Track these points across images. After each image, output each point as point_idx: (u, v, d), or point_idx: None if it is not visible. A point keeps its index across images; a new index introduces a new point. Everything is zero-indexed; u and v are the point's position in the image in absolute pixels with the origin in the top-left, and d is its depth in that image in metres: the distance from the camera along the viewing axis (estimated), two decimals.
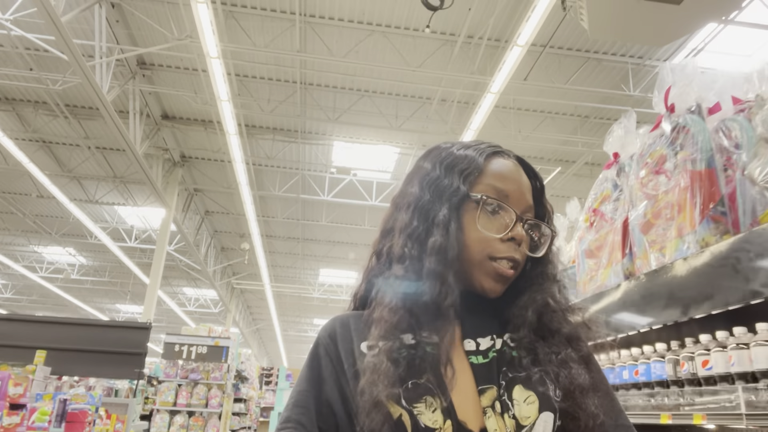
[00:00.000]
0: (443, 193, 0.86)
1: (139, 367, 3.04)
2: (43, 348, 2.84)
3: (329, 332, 0.88)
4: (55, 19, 6.18)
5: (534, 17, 6.37)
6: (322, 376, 0.85)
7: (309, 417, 0.82)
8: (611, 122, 9.47)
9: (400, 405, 0.74)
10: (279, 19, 7.48)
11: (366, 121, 9.49)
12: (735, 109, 1.50)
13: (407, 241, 0.85)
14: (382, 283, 0.85)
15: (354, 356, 0.84)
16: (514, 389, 0.79)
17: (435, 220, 0.84)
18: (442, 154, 0.91)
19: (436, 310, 0.80)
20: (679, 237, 1.39)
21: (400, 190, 0.94)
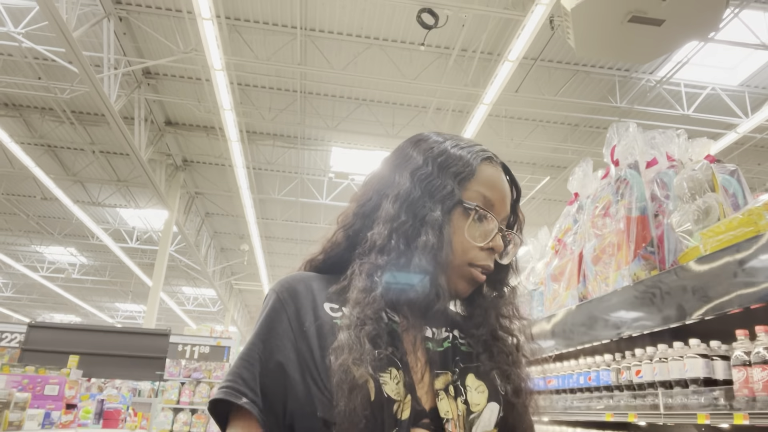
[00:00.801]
0: (435, 192, 0.87)
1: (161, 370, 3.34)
2: (75, 353, 3.15)
3: (289, 289, 0.87)
4: (67, 34, 6.47)
5: (524, 35, 6.70)
6: (278, 333, 0.83)
7: (252, 372, 0.80)
8: (600, 130, 9.88)
9: (366, 371, 0.75)
10: (280, 33, 7.78)
11: (363, 129, 9.81)
12: (668, 164, 1.83)
13: (393, 234, 0.85)
14: (361, 267, 0.85)
15: (316, 315, 0.83)
16: (467, 377, 0.83)
17: (426, 219, 0.85)
18: (434, 149, 0.92)
19: (424, 308, 0.83)
20: (618, 270, 1.72)
21: (384, 176, 0.94)
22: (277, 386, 0.80)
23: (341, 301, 0.85)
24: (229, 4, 7.38)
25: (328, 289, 0.88)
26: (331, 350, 0.77)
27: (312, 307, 0.85)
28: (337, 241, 0.94)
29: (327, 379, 0.76)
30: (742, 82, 8.61)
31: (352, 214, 0.94)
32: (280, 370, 0.80)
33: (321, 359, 0.79)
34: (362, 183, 1.00)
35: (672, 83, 8.56)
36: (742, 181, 1.76)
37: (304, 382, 0.78)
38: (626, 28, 6.01)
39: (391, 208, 0.88)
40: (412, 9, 6.88)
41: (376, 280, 0.83)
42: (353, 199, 0.98)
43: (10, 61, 8.54)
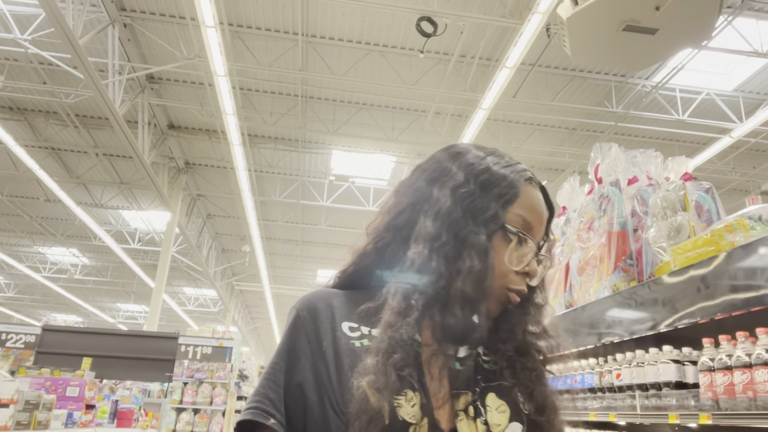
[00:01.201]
0: (478, 214, 0.84)
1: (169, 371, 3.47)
2: (89, 356, 3.28)
3: (308, 307, 0.86)
4: (73, 41, 6.61)
5: (521, 42, 6.83)
6: (297, 353, 0.83)
7: (277, 392, 0.80)
8: (597, 134, 10.02)
9: (381, 394, 0.74)
10: (282, 39, 7.92)
11: (364, 133, 9.95)
12: (648, 182, 1.97)
13: (433, 254, 0.82)
14: (397, 288, 0.83)
15: (334, 335, 0.83)
16: (488, 396, 0.81)
17: (469, 242, 0.83)
18: (476, 165, 0.89)
19: (462, 336, 0.81)
20: (600, 281, 1.86)
21: (420, 189, 0.90)
22: (298, 407, 0.80)
23: (363, 320, 0.84)
24: (232, 11, 7.51)
25: (351, 306, 0.87)
26: (354, 373, 0.76)
27: (330, 327, 0.83)
28: (366, 253, 0.92)
29: (343, 403, 0.76)
30: (737, 88, 8.75)
31: (383, 227, 0.91)
32: (300, 392, 0.80)
33: (337, 382, 0.78)
34: (393, 192, 0.96)
35: (667, 88, 8.69)
36: (716, 198, 1.89)
37: (321, 405, 0.78)
38: (621, 36, 6.13)
39: (431, 226, 0.84)
40: (412, 16, 7.02)
41: (412, 303, 0.80)
42: (384, 209, 0.94)
43: (16, 66, 8.68)
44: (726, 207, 1.97)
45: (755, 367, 1.31)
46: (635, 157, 2.02)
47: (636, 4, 5.77)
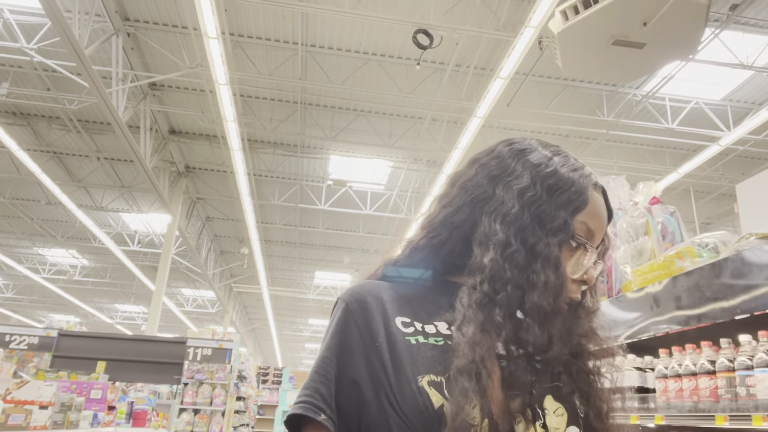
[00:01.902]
0: (547, 222, 0.82)
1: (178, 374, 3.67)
2: (102, 359, 3.47)
3: (359, 300, 0.83)
4: (79, 51, 6.79)
5: (514, 54, 7.05)
6: (349, 347, 0.80)
7: (328, 387, 0.79)
8: (590, 141, 10.26)
9: (442, 394, 0.73)
10: (282, 48, 8.12)
11: (361, 139, 10.15)
12: (619, 206, 2.18)
13: (506, 263, 0.80)
14: (472, 296, 0.80)
15: (388, 330, 0.80)
16: (545, 399, 0.78)
17: (541, 252, 0.80)
18: (543, 168, 0.86)
19: (538, 352, 0.79)
20: None
21: (481, 186, 0.87)
22: (352, 403, 0.79)
23: (416, 316, 0.83)
24: (234, 21, 7.71)
25: (402, 300, 0.85)
26: (414, 371, 0.75)
27: (383, 321, 0.81)
28: (419, 247, 0.89)
29: (402, 400, 0.74)
30: (725, 97, 8.98)
31: (439, 222, 0.88)
32: (354, 387, 0.79)
33: (395, 378, 0.76)
34: (448, 183, 0.93)
35: (657, 98, 8.93)
36: (679, 221, 2.11)
37: (377, 401, 0.77)
38: (610, 50, 6.37)
39: (499, 231, 0.82)
40: (409, 27, 7.22)
41: (497, 320, 0.78)
42: (440, 202, 0.91)
43: (20, 73, 8.85)
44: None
45: (699, 375, 1.52)
46: (608, 183, 2.22)
47: (624, 20, 6.00)
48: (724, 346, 1.49)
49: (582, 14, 5.88)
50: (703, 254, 1.58)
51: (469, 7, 7.05)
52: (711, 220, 12.56)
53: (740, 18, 7.20)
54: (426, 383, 0.74)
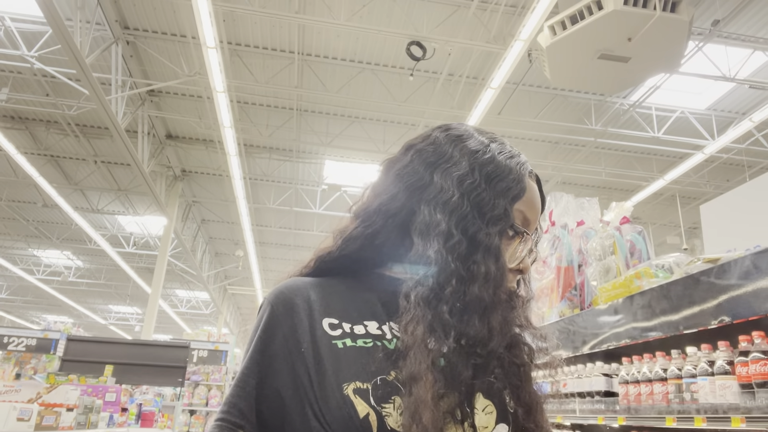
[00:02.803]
0: (486, 210, 0.79)
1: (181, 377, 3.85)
2: (110, 363, 3.64)
3: (285, 302, 0.78)
4: (80, 59, 6.95)
5: (504, 66, 7.27)
6: (273, 354, 0.75)
7: (248, 401, 0.74)
8: (579, 148, 10.50)
9: (368, 403, 0.69)
10: (279, 57, 8.30)
11: (356, 145, 10.35)
12: (590, 226, 2.39)
13: (449, 255, 0.76)
14: (418, 293, 0.76)
15: (314, 335, 0.75)
16: (476, 397, 0.75)
17: (481, 242, 0.77)
18: (481, 155, 0.83)
19: (478, 347, 0.75)
20: (551, 308, 2.28)
21: (416, 173, 0.83)
22: (275, 415, 0.74)
23: (344, 316, 0.78)
24: (231, 31, 7.88)
25: (331, 299, 0.80)
26: (338, 379, 0.71)
27: (310, 325, 0.76)
28: (352, 237, 0.85)
29: (327, 410, 0.70)
30: (709, 106, 9.25)
31: (374, 211, 0.84)
32: (277, 398, 0.74)
33: (319, 387, 0.72)
34: (382, 170, 0.90)
35: (644, 107, 9.18)
36: (646, 239, 2.32)
37: (302, 412, 0.72)
38: (596, 63, 6.60)
39: (442, 221, 0.78)
40: (402, 38, 7.42)
41: (446, 318, 0.74)
42: (374, 190, 0.88)
43: (20, 78, 8.98)
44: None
45: (654, 381, 1.73)
46: (583, 204, 2.43)
47: (610, 35, 6.24)
48: (674, 356, 1.70)
49: (569, 29, 6.11)
50: (659, 274, 1.79)
51: (461, 20, 7.26)
52: (697, 225, 12.85)
53: (722, 32, 7.46)
54: (351, 391, 0.70)
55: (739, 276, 1.40)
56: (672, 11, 5.99)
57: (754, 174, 10.51)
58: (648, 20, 5.89)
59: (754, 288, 1.37)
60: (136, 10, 7.57)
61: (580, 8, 5.94)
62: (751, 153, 10.00)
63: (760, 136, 9.38)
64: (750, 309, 1.39)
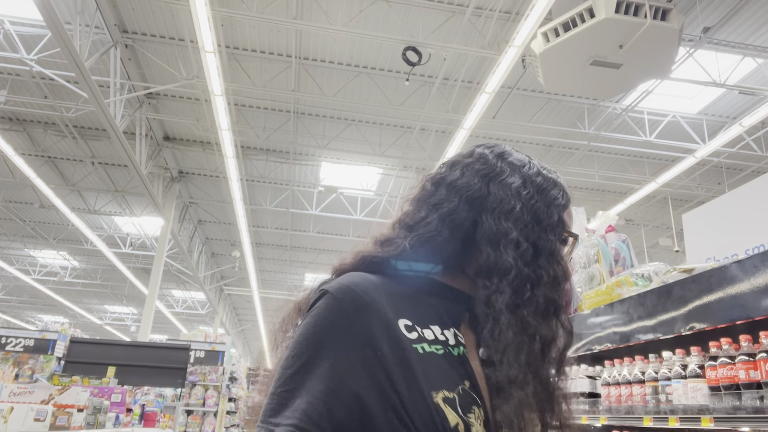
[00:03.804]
0: (543, 218, 0.83)
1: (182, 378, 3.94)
2: (113, 364, 3.73)
3: (354, 299, 0.74)
4: (79, 63, 7.02)
5: (499, 71, 7.38)
6: (345, 355, 0.70)
7: (323, 407, 0.68)
8: (572, 151, 10.63)
9: (456, 413, 0.70)
10: (276, 61, 8.39)
11: (352, 147, 10.45)
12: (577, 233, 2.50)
13: (521, 260, 0.79)
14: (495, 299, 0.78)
15: (393, 337, 0.73)
16: (522, 408, 0.75)
17: (543, 247, 0.81)
18: (528, 168, 0.88)
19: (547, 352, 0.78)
20: None
21: (474, 186, 0.85)
22: (353, 421, 0.69)
23: (417, 318, 0.77)
24: (229, 35, 7.96)
25: (401, 300, 0.78)
26: (425, 385, 0.70)
27: (386, 326, 0.73)
28: (416, 245, 0.83)
29: (417, 417, 0.68)
30: (701, 111, 9.39)
31: (438, 220, 0.83)
32: (355, 402, 0.69)
33: (408, 393, 0.70)
34: (430, 183, 0.90)
35: (636, 111, 9.32)
36: (629, 247, 2.43)
37: (386, 418, 0.69)
38: (589, 70, 6.73)
39: (509, 228, 0.81)
40: (398, 43, 7.53)
41: (530, 321, 0.77)
42: (427, 201, 0.87)
43: (18, 81, 9.03)
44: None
45: (633, 383, 1.84)
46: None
47: (601, 42, 6.37)
48: (652, 360, 1.81)
49: (562, 36, 6.23)
50: (638, 283, 1.90)
51: (456, 25, 7.37)
52: None
53: (713, 39, 7.59)
54: (441, 400, 0.70)
55: (709, 286, 1.51)
56: (662, 19, 6.12)
57: (745, 178, 10.67)
58: (639, 28, 6.01)
59: (722, 297, 1.48)
60: (135, 14, 7.64)
61: (573, 16, 6.06)
62: (741, 157, 10.15)
63: (751, 140, 9.53)
64: (719, 317, 1.50)
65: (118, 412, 2.88)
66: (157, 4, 7.39)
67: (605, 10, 5.87)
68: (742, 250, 2.46)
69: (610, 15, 5.86)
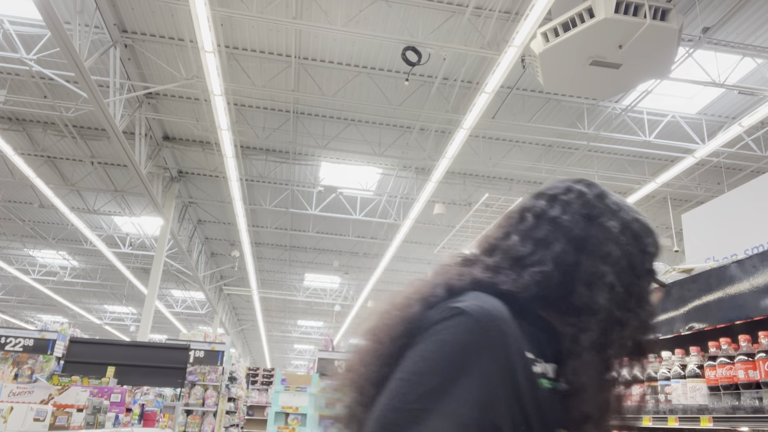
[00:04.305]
0: (637, 264, 0.86)
1: (181, 378, 3.93)
2: (112, 364, 3.73)
3: (497, 325, 0.73)
4: (79, 63, 7.01)
5: (498, 71, 7.38)
6: (492, 384, 0.70)
7: None
8: (572, 151, 10.63)
9: None
10: (276, 61, 8.38)
11: (351, 147, 10.45)
12: None
13: (613, 303, 0.82)
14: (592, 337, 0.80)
15: (525, 368, 0.75)
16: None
17: (635, 293, 0.85)
18: (625, 214, 0.90)
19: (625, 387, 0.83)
20: None
21: (579, 226, 0.87)
22: None
23: (538, 353, 0.78)
24: (229, 35, 7.96)
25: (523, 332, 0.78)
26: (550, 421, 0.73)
27: (522, 357, 0.74)
28: (530, 283, 0.83)
29: None
30: (700, 111, 9.40)
31: (550, 262, 0.85)
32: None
33: (541, 427, 0.73)
34: (530, 215, 0.91)
35: (636, 111, 9.32)
36: None
37: None
38: (588, 70, 6.73)
39: (605, 272, 0.84)
40: (398, 43, 7.53)
41: (615, 361, 0.82)
42: (530, 234, 0.89)
43: (17, 80, 9.02)
44: None
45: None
46: None
47: (601, 43, 6.37)
48: (650, 359, 1.81)
49: (561, 37, 6.23)
50: None
51: (456, 25, 7.37)
52: None
53: (712, 39, 7.59)
54: None
55: (708, 286, 1.51)
56: (662, 19, 6.12)
57: (744, 178, 10.68)
58: (638, 28, 6.02)
59: (721, 297, 1.48)
60: (135, 13, 7.64)
61: (572, 16, 6.06)
62: (740, 157, 10.16)
63: (750, 140, 9.54)
64: (718, 317, 1.51)
65: (118, 412, 2.88)
66: (156, 4, 7.39)
67: (605, 10, 5.87)
68: (742, 251, 2.46)
69: (609, 15, 5.86)
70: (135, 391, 3.81)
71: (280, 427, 7.84)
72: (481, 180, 11.61)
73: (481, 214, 11.64)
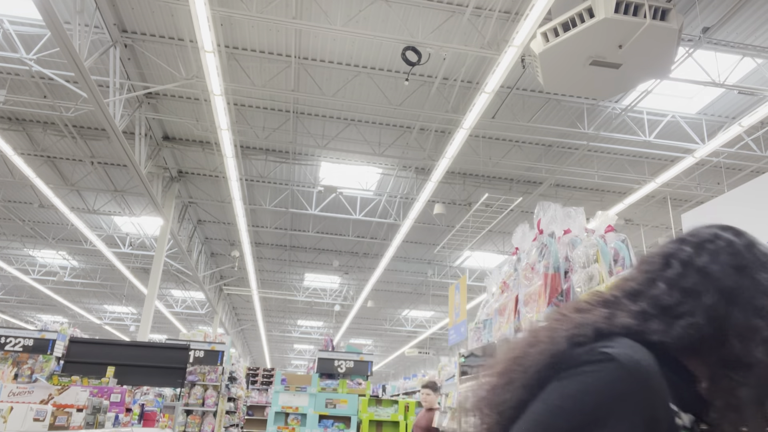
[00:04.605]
0: None
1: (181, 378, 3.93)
2: (112, 364, 3.73)
3: (648, 378, 0.74)
4: (79, 62, 7.01)
5: (498, 71, 7.38)
6: None
7: None
8: (572, 151, 10.62)
9: None
10: (276, 61, 8.38)
11: (351, 147, 10.45)
12: (576, 235, 2.50)
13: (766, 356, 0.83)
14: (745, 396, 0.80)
15: (671, 423, 0.75)
16: None
17: None
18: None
19: None
20: (538, 313, 2.39)
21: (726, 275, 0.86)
22: None
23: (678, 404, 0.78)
24: (229, 35, 7.96)
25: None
26: None
27: (666, 412, 0.75)
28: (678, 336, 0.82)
29: None
30: (700, 111, 9.40)
31: (702, 315, 0.83)
32: None
33: None
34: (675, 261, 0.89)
35: (635, 111, 9.32)
36: (629, 247, 2.43)
37: None
38: (588, 69, 6.73)
39: (761, 327, 0.82)
40: (398, 43, 7.53)
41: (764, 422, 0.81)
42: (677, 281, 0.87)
43: (17, 80, 9.02)
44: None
45: None
46: (570, 212, 2.54)
47: (601, 43, 6.37)
48: None
49: (561, 36, 6.23)
50: None
51: (456, 25, 7.37)
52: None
53: (712, 39, 7.60)
54: None
55: None
56: (662, 19, 6.12)
57: (744, 177, 10.68)
58: (638, 28, 6.02)
59: None
60: (135, 13, 7.64)
61: (572, 16, 6.06)
62: (740, 156, 10.16)
63: (750, 140, 9.54)
64: None
65: (118, 412, 2.88)
66: (156, 4, 7.39)
67: (605, 10, 5.87)
68: None
69: (609, 15, 5.86)
70: (135, 391, 3.80)
71: (280, 427, 7.84)
72: (480, 180, 11.61)
73: (481, 214, 11.65)
